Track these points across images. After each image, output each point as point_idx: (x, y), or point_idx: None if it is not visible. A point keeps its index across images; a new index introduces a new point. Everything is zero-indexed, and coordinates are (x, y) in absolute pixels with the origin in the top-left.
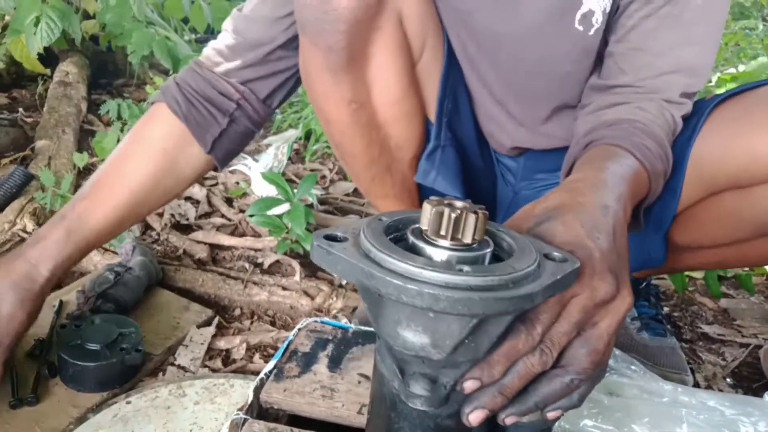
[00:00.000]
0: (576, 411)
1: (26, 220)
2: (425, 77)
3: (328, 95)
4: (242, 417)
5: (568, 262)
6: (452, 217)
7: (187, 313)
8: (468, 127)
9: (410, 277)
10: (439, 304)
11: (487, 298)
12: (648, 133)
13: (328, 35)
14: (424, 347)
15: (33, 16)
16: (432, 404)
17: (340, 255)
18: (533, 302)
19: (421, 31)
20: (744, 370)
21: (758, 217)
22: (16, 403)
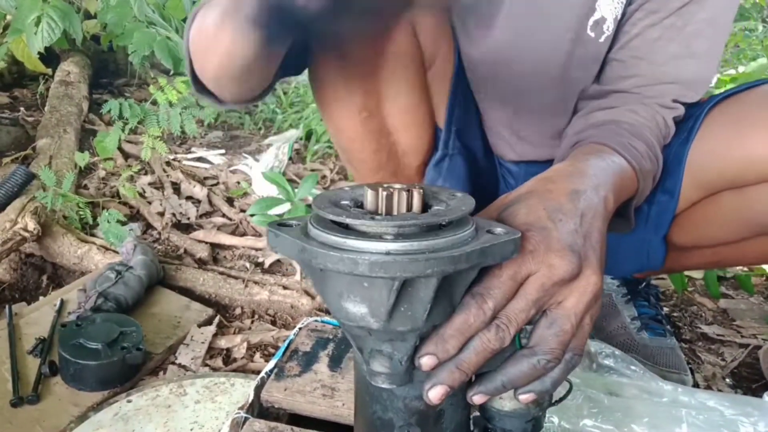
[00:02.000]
0: (576, 410)
1: (27, 219)
2: (436, 84)
3: (339, 103)
4: (243, 416)
5: (506, 234)
6: (383, 195)
7: (187, 312)
8: (476, 134)
9: (335, 246)
10: (358, 267)
11: (402, 259)
12: (635, 134)
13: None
14: (363, 317)
15: (34, 15)
16: (393, 381)
17: (283, 235)
18: (454, 265)
19: (433, 42)
20: (743, 370)
21: (756, 217)
22: (17, 402)
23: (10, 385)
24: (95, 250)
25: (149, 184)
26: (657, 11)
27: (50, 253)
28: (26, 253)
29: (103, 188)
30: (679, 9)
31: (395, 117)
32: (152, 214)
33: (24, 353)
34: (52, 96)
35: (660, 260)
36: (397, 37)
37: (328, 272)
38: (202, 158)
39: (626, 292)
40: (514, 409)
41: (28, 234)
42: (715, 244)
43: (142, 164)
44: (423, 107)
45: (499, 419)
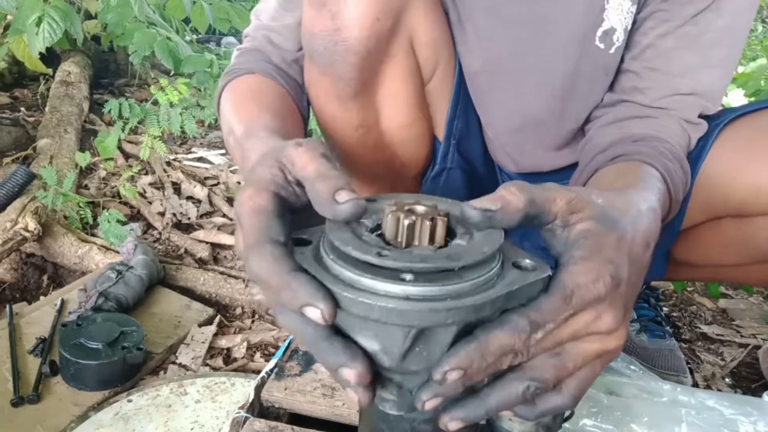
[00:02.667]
0: (575, 410)
1: (28, 219)
2: (435, 97)
3: (335, 120)
4: (243, 415)
5: (536, 272)
6: (405, 224)
7: (188, 311)
8: (476, 145)
9: (349, 284)
10: (373, 313)
11: (421, 309)
12: (677, 156)
13: (338, 66)
14: (375, 353)
15: (35, 16)
16: (401, 408)
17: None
18: (479, 314)
19: (433, 56)
20: (743, 370)
21: (758, 247)
22: (18, 401)
23: (10, 385)
24: (96, 250)
25: (150, 184)
26: (669, 20)
27: (51, 253)
28: (27, 253)
29: (104, 188)
30: (694, 17)
31: (393, 132)
32: (153, 214)
33: (25, 353)
34: (53, 96)
35: (661, 274)
36: (395, 54)
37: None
38: (202, 158)
39: None
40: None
41: (29, 234)
42: (715, 265)
43: (142, 164)
44: (422, 121)
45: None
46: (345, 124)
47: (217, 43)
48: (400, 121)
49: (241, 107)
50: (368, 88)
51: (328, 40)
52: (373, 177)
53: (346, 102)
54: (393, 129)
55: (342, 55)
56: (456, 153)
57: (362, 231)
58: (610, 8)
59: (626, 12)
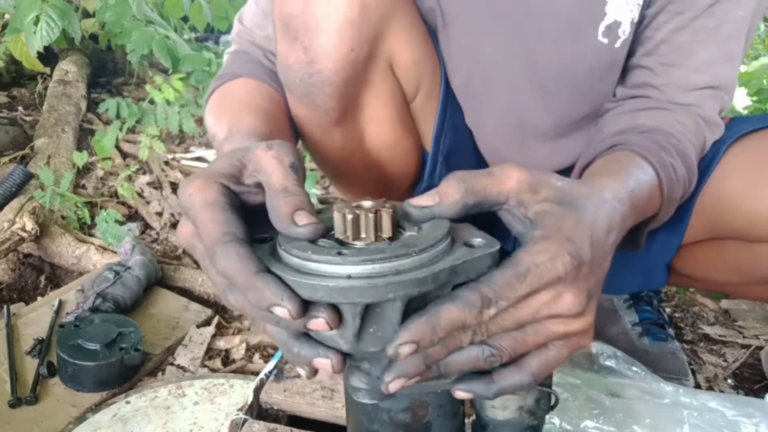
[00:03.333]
0: (577, 412)
1: (25, 219)
2: (421, 114)
3: (318, 144)
4: (242, 417)
5: (483, 247)
6: (350, 219)
7: (186, 312)
8: (468, 160)
9: (297, 269)
10: (316, 293)
11: (362, 285)
12: (680, 152)
13: (315, 97)
14: (332, 337)
15: (33, 14)
16: (373, 396)
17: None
18: (421, 287)
19: (415, 76)
20: (745, 371)
21: (758, 271)
22: (16, 403)
23: (8, 386)
24: (93, 250)
25: (148, 183)
26: (683, 12)
27: (48, 253)
28: (24, 253)
29: (102, 188)
30: (710, 7)
31: (379, 152)
32: (151, 214)
33: (22, 354)
34: (51, 95)
35: (661, 285)
36: (373, 80)
37: None
38: (200, 158)
39: (628, 297)
40: (508, 419)
41: (26, 234)
42: (718, 282)
43: (140, 164)
44: (407, 139)
45: (492, 428)
46: (329, 147)
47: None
48: (384, 141)
49: (223, 112)
50: (348, 115)
51: (303, 72)
52: (363, 191)
53: (326, 129)
54: (378, 149)
55: (318, 87)
56: (444, 169)
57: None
58: (612, 1)
59: (633, 4)
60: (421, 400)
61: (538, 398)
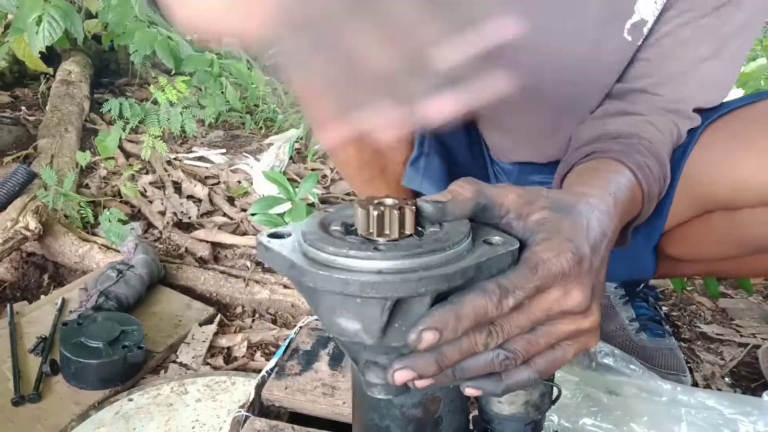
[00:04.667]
0: (575, 409)
1: (29, 218)
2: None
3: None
4: (244, 414)
5: (504, 245)
6: (374, 215)
7: (188, 311)
8: (458, 134)
9: (326, 264)
10: (349, 288)
11: (394, 280)
12: (653, 152)
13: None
14: (356, 333)
15: (35, 15)
16: (389, 392)
17: (273, 250)
18: (450, 283)
19: None
20: (742, 369)
21: (747, 239)
22: (19, 400)
23: (11, 384)
24: (96, 249)
25: (150, 183)
26: (692, 10)
27: (51, 252)
28: (27, 252)
29: (105, 187)
30: (717, 9)
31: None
32: (153, 214)
33: (25, 352)
34: (54, 95)
35: (650, 270)
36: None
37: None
38: (203, 158)
39: (624, 294)
40: (513, 414)
41: (30, 233)
42: (708, 259)
43: (143, 163)
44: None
45: (498, 422)
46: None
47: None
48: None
49: None
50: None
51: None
52: (362, 163)
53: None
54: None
55: None
56: (432, 140)
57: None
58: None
59: (659, 3)
60: (434, 395)
61: (543, 393)
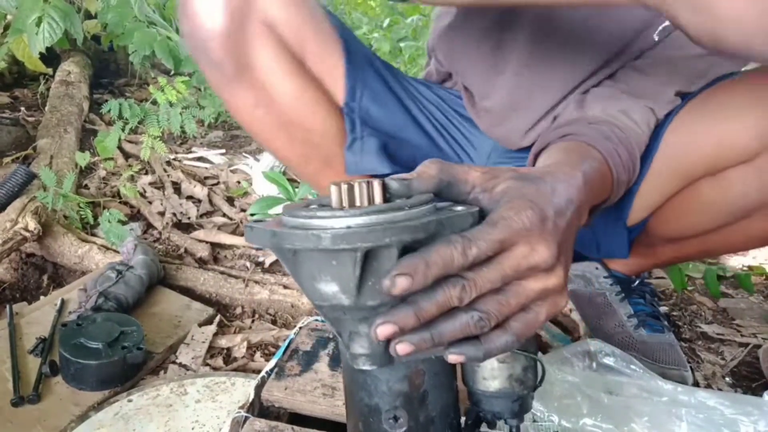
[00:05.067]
0: (576, 409)
1: (28, 219)
2: (320, 74)
3: (236, 106)
4: (243, 415)
5: (466, 208)
6: (345, 188)
7: (188, 311)
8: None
9: (301, 227)
10: (322, 242)
11: (362, 231)
12: (623, 140)
13: (209, 53)
14: (335, 294)
15: (35, 15)
16: (374, 362)
17: (257, 227)
18: (412, 234)
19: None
20: (743, 369)
21: (734, 200)
22: (18, 401)
23: (10, 385)
24: (96, 249)
25: (150, 183)
26: None
27: (51, 253)
28: (27, 253)
29: (104, 188)
30: None
31: (290, 106)
32: (153, 214)
33: (25, 353)
34: (53, 96)
35: (624, 247)
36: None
37: (300, 255)
38: (202, 158)
39: (620, 290)
40: (498, 389)
41: (29, 234)
42: (699, 233)
43: (142, 164)
44: (313, 91)
45: (486, 402)
46: (244, 107)
47: None
48: (288, 92)
49: None
50: (245, 69)
51: (193, 37)
52: (302, 157)
53: (231, 86)
54: (288, 102)
55: (205, 43)
56: (364, 125)
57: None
58: None
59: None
60: (417, 369)
61: (526, 367)
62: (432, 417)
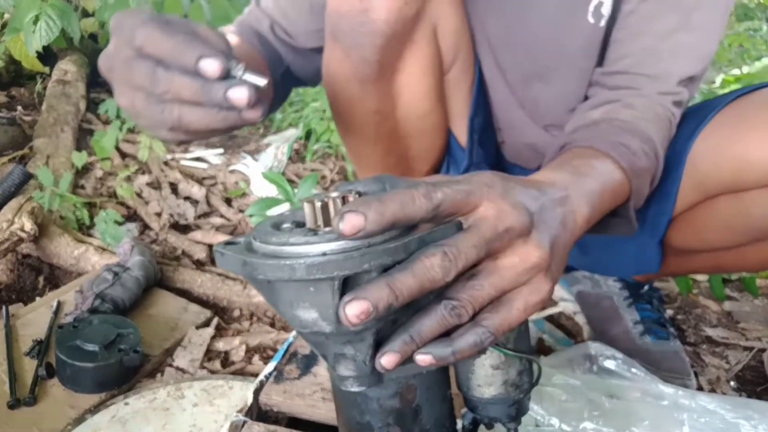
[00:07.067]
0: (576, 413)
1: (24, 219)
2: (453, 89)
3: (353, 105)
4: (241, 419)
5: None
6: (318, 207)
7: (185, 313)
8: (492, 141)
9: (273, 255)
10: (296, 273)
11: (338, 258)
12: (629, 129)
13: (363, 48)
14: (315, 322)
15: (32, 14)
16: (362, 383)
17: (228, 253)
18: (392, 257)
19: (454, 46)
20: (748, 373)
21: (753, 222)
22: (14, 404)
23: (6, 387)
24: (92, 250)
25: (147, 184)
26: None
27: (47, 254)
28: (23, 254)
29: (101, 188)
30: None
31: (409, 121)
32: (150, 215)
33: (21, 355)
34: (50, 95)
35: (656, 264)
36: (418, 41)
37: (275, 284)
38: (200, 158)
39: (628, 296)
40: (494, 395)
41: (25, 234)
42: (712, 248)
43: (139, 164)
44: (438, 113)
45: (482, 407)
46: (362, 108)
47: None
48: (417, 110)
49: None
50: (389, 73)
51: (355, 21)
52: (386, 168)
53: (366, 85)
54: (409, 118)
55: (368, 37)
56: (480, 148)
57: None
58: None
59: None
60: (408, 384)
61: (521, 371)
62: (427, 429)
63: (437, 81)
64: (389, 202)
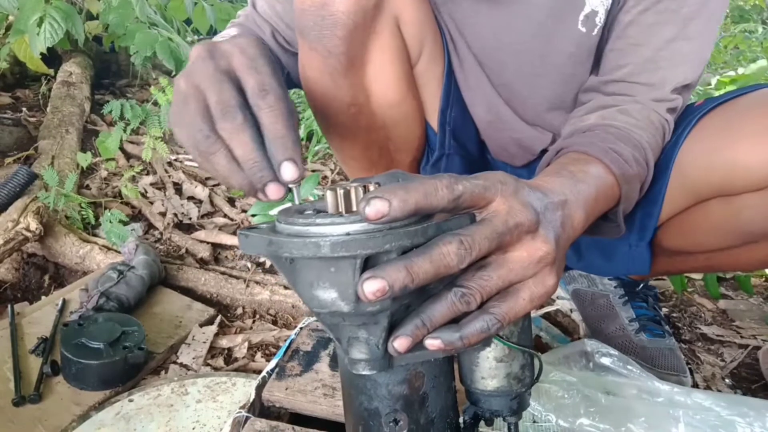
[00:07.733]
0: (573, 410)
1: (30, 219)
2: (423, 80)
3: (327, 99)
4: (244, 415)
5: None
6: (341, 194)
7: (189, 311)
8: (471, 133)
9: (299, 234)
10: (321, 249)
11: (361, 237)
12: (622, 137)
13: (327, 40)
14: (334, 301)
15: (36, 16)
16: (373, 366)
17: (252, 235)
18: (411, 239)
19: (418, 36)
20: (743, 370)
21: (743, 226)
22: (20, 401)
23: (12, 385)
24: (97, 250)
25: (151, 184)
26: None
27: (52, 253)
28: (28, 253)
29: (105, 188)
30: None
31: (384, 112)
32: (154, 215)
33: (26, 352)
34: (55, 96)
35: (646, 266)
36: (381, 31)
37: (298, 263)
38: None
39: (623, 293)
40: (497, 388)
41: (31, 234)
42: (706, 250)
43: (143, 165)
44: (411, 101)
45: (484, 400)
46: (337, 102)
47: None
48: (390, 99)
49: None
50: (357, 65)
51: (317, 15)
52: (369, 162)
53: (336, 79)
54: (383, 108)
55: (330, 29)
56: (452, 139)
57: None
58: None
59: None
60: (417, 371)
61: (524, 364)
62: (432, 418)
63: (406, 70)
64: (413, 191)
